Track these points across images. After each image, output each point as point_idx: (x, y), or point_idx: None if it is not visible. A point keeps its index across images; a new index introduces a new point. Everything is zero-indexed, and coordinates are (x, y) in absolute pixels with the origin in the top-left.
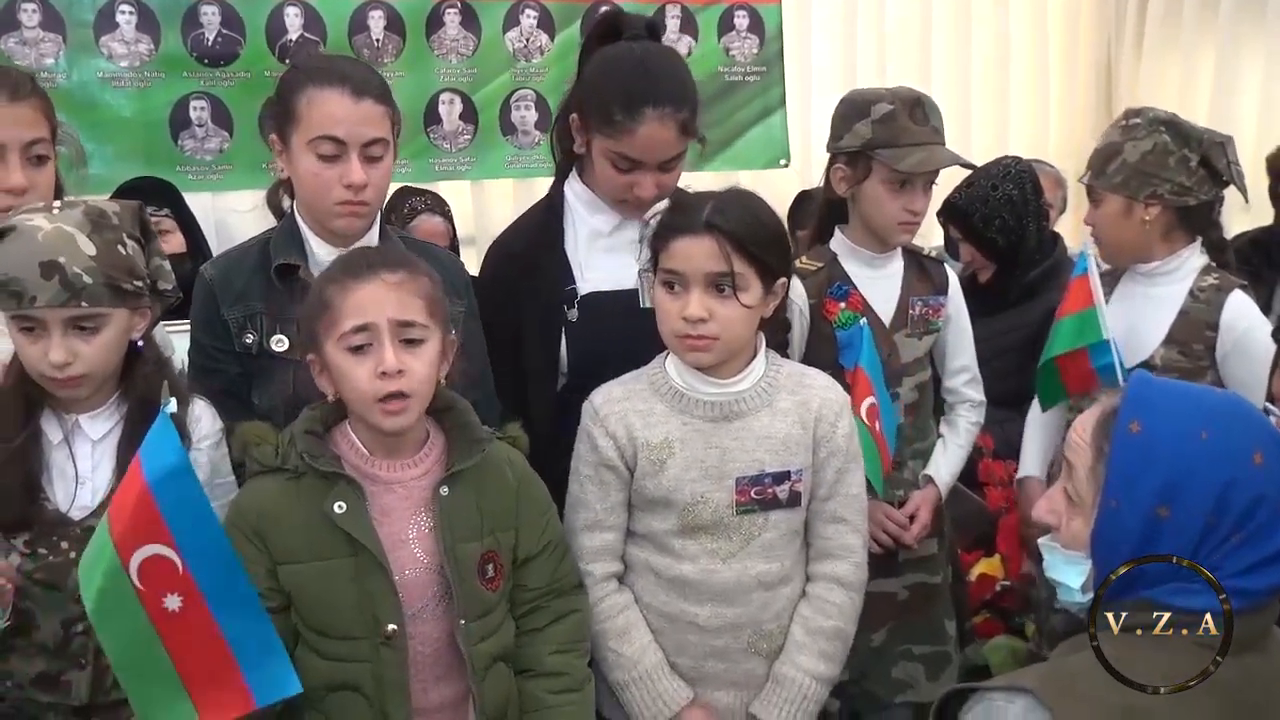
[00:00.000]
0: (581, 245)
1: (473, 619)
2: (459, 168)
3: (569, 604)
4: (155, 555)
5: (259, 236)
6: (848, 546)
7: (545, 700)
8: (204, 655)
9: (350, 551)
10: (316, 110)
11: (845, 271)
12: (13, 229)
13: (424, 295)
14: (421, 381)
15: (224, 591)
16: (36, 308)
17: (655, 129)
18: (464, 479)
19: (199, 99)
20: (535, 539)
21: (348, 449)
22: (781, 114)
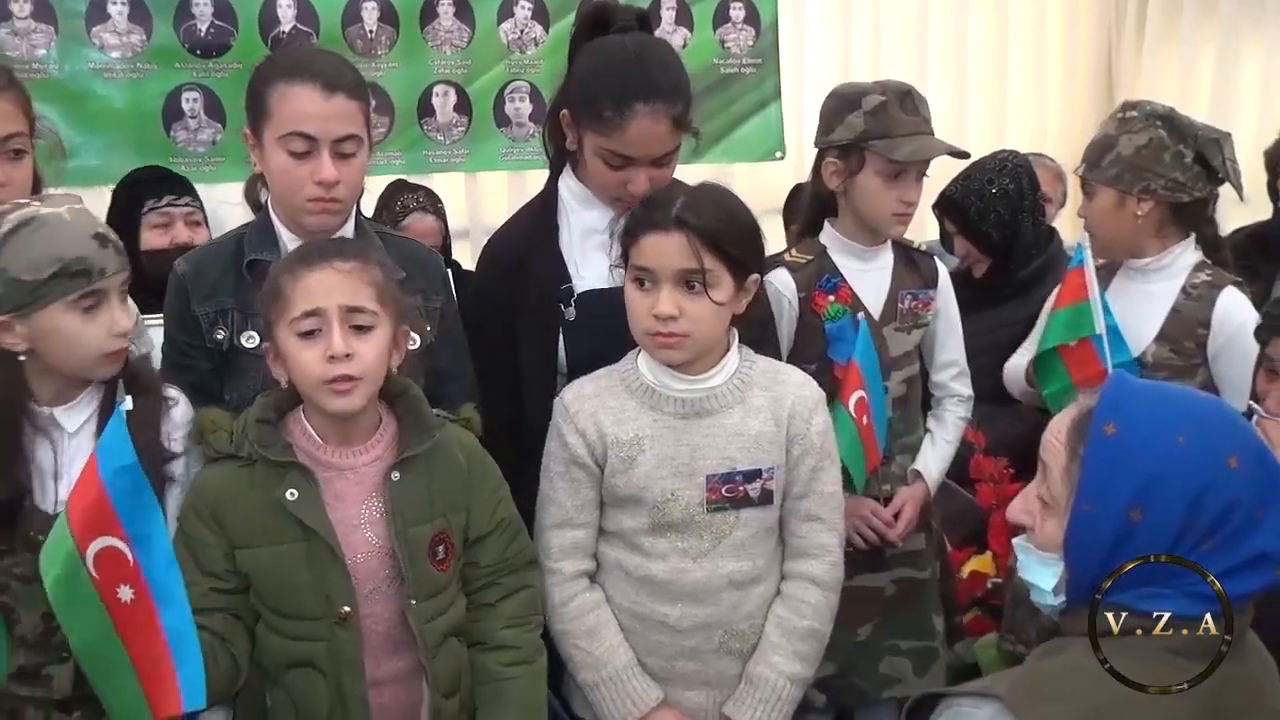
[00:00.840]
0: (576, 242)
1: (423, 599)
2: (453, 160)
3: (521, 580)
4: (109, 547)
5: (234, 231)
6: (823, 545)
7: (497, 673)
8: (150, 649)
9: (303, 536)
10: (287, 106)
11: (835, 265)
12: (33, 219)
13: (374, 284)
14: (369, 366)
15: (165, 590)
16: (107, 278)
17: (647, 125)
18: (415, 464)
19: (191, 90)
20: (486, 518)
21: (301, 436)
22: (777, 106)
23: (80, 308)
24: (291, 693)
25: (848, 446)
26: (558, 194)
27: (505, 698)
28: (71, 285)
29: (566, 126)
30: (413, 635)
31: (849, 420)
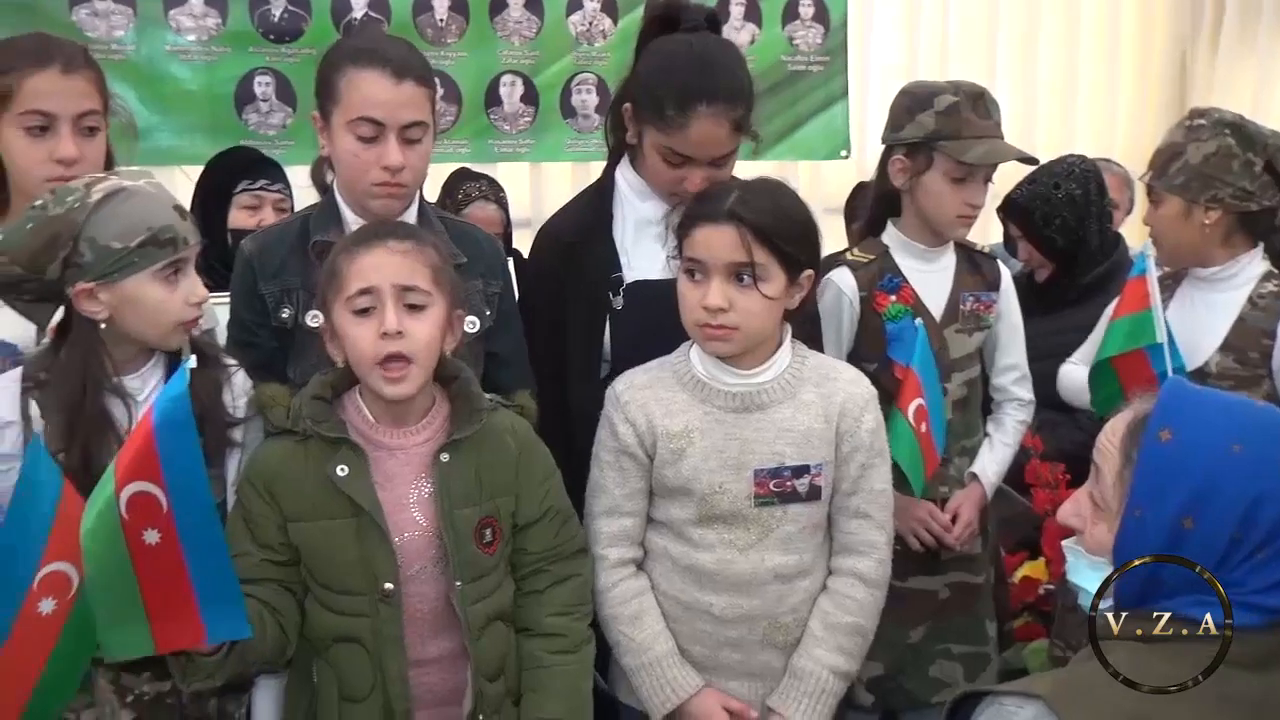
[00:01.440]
0: (630, 232)
1: (469, 581)
2: (518, 149)
3: (570, 568)
4: (145, 492)
5: (300, 212)
6: (871, 542)
7: (542, 660)
8: (168, 590)
9: (352, 513)
10: (356, 91)
11: (897, 264)
12: (123, 189)
13: (429, 264)
14: (422, 345)
15: (197, 535)
16: (189, 248)
17: (708, 126)
18: (464, 446)
19: (264, 74)
20: (535, 505)
21: (355, 414)
22: (843, 105)
23: (163, 276)
24: (336, 667)
25: (907, 453)
26: (614, 183)
27: (550, 685)
28: (159, 254)
29: (628, 120)
30: (457, 617)
31: (908, 427)
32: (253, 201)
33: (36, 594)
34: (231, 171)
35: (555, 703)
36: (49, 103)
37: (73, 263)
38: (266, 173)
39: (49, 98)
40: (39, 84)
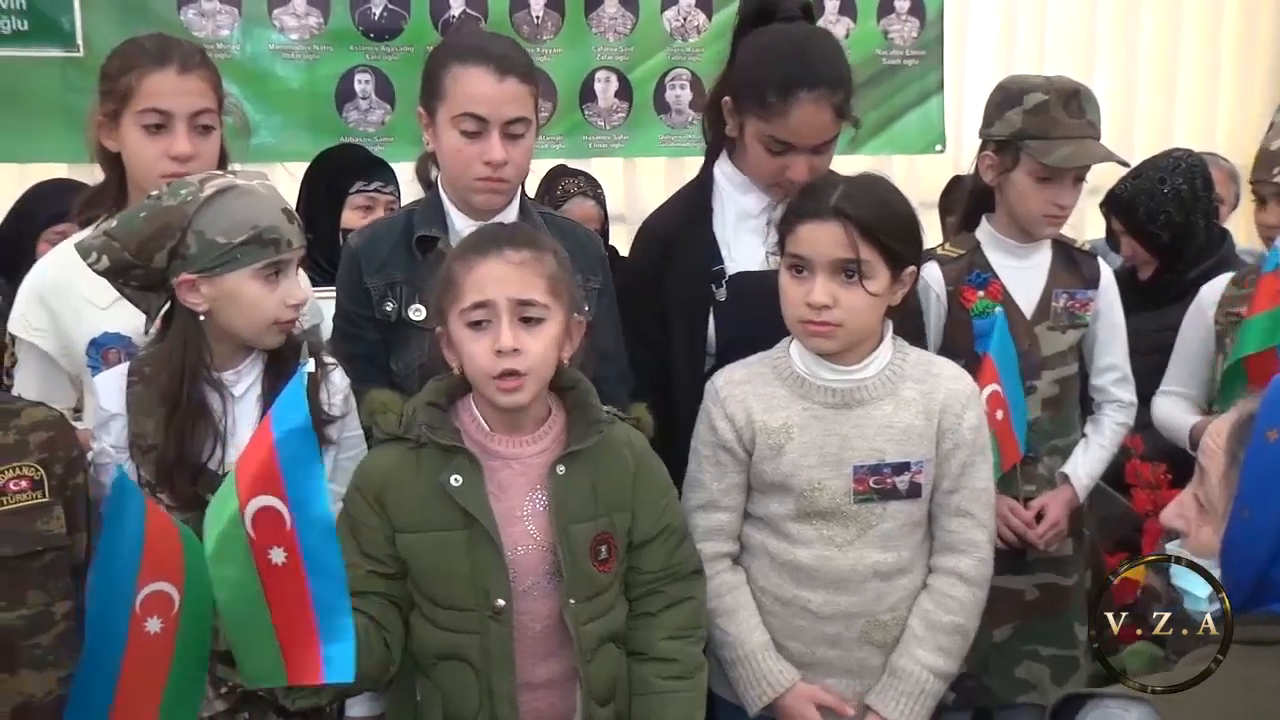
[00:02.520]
0: (730, 225)
1: (582, 599)
2: (612, 145)
3: (684, 590)
4: (269, 507)
5: (406, 207)
6: (972, 541)
7: (654, 685)
8: (295, 615)
9: (464, 524)
10: (461, 87)
11: (987, 260)
12: (233, 188)
13: (547, 274)
14: (538, 361)
15: (318, 558)
16: (291, 250)
17: (809, 112)
18: (581, 459)
19: (364, 72)
20: (652, 523)
21: (469, 422)
22: (939, 99)
23: (263, 275)
24: (441, 686)
25: None
26: (713, 179)
27: (661, 712)
28: (261, 253)
29: (728, 113)
30: (569, 637)
31: None
32: (366, 203)
33: (140, 615)
34: (346, 171)
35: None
36: (165, 101)
37: (179, 254)
38: (380, 174)
39: (165, 96)
40: (156, 83)
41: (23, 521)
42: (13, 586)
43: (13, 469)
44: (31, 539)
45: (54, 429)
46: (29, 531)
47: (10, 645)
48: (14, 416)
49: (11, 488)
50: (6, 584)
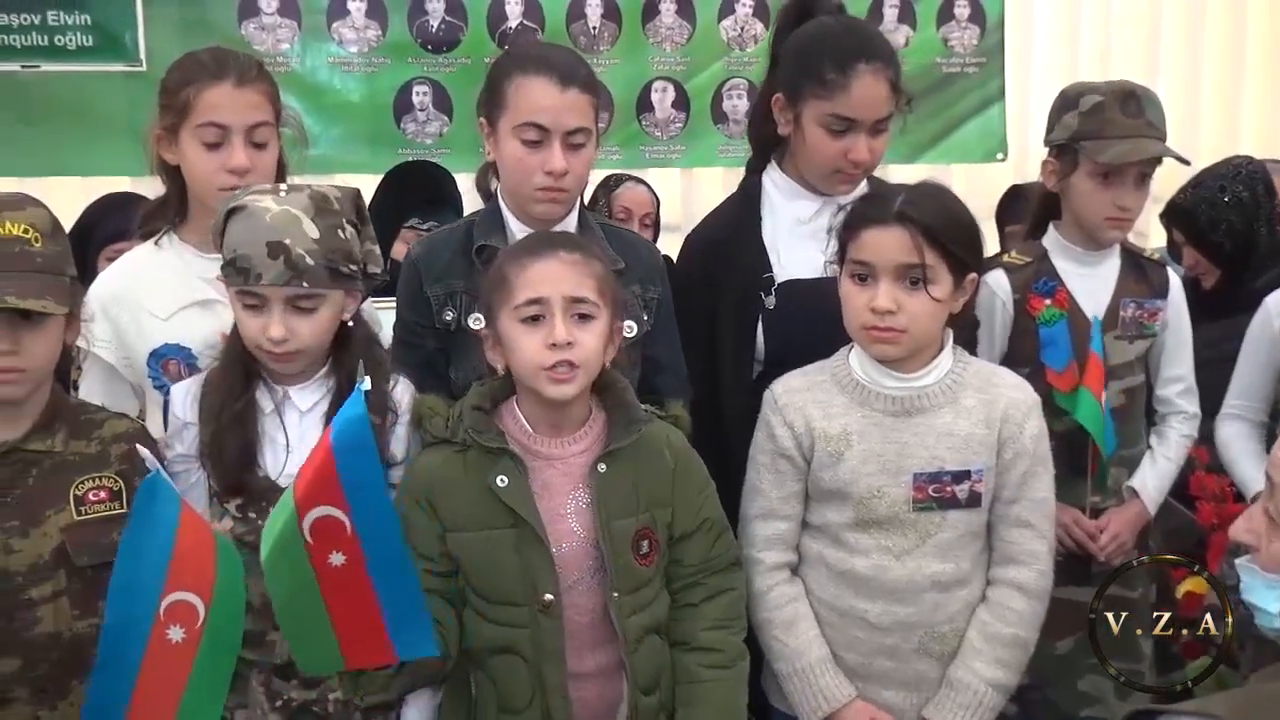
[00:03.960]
0: (780, 232)
1: (626, 592)
2: (670, 155)
3: (725, 581)
4: (328, 516)
5: (466, 218)
6: (1032, 552)
7: (698, 674)
8: (356, 609)
9: (512, 523)
10: (523, 97)
11: (1054, 268)
12: (243, 208)
13: (596, 276)
14: (590, 355)
15: (383, 555)
16: (261, 285)
17: (869, 83)
18: (621, 457)
19: (421, 84)
20: (691, 517)
21: (513, 424)
22: (1000, 107)
23: (241, 301)
24: (494, 679)
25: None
26: (760, 186)
27: (704, 700)
28: (235, 279)
29: (779, 111)
30: (614, 629)
31: (1094, 399)
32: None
33: (164, 622)
34: (408, 202)
35: (710, 718)
36: (222, 115)
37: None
38: (439, 214)
39: (222, 110)
40: (213, 97)
41: (100, 532)
42: (86, 596)
43: (93, 479)
44: (108, 549)
45: (134, 440)
46: (106, 542)
47: (82, 652)
48: (97, 427)
49: (91, 498)
50: (80, 593)
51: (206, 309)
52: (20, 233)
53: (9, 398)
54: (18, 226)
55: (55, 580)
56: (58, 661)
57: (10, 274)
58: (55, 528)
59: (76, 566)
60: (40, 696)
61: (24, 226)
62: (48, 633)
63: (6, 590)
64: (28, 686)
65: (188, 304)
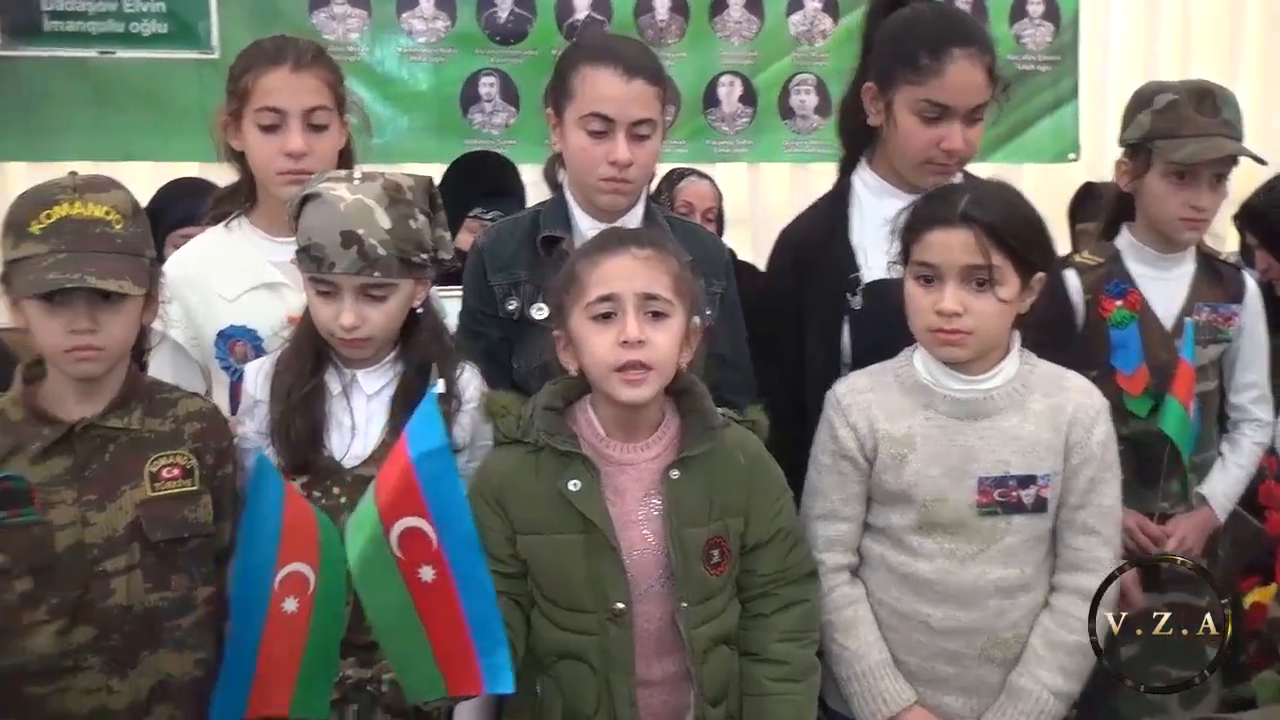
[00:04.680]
0: (868, 232)
1: (695, 602)
2: (736, 150)
3: (798, 593)
4: (415, 528)
5: (532, 208)
6: (1098, 559)
7: (766, 687)
8: (449, 629)
9: (582, 528)
10: (589, 88)
11: (1127, 269)
12: (318, 195)
13: (671, 273)
14: (662, 354)
15: (467, 573)
16: (334, 274)
17: (965, 69)
18: (695, 464)
19: (489, 75)
20: (765, 526)
21: (585, 426)
22: (1073, 106)
23: (314, 288)
24: (560, 684)
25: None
26: (850, 186)
27: (772, 713)
28: (309, 266)
29: (870, 101)
30: (681, 638)
31: (1180, 407)
32: (478, 229)
33: (279, 594)
34: (472, 192)
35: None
36: (278, 99)
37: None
38: (502, 204)
39: (278, 94)
40: (270, 81)
41: (173, 508)
42: (159, 569)
43: (167, 457)
44: (179, 526)
45: (207, 420)
46: (178, 518)
47: (154, 625)
48: (172, 406)
49: (165, 475)
50: (153, 567)
51: (274, 292)
52: (102, 214)
53: (88, 375)
54: (99, 208)
55: (129, 554)
56: (129, 633)
57: (92, 254)
58: (130, 503)
59: (150, 541)
60: (112, 666)
61: (106, 208)
62: (120, 605)
63: (83, 562)
64: (101, 655)
65: (255, 286)
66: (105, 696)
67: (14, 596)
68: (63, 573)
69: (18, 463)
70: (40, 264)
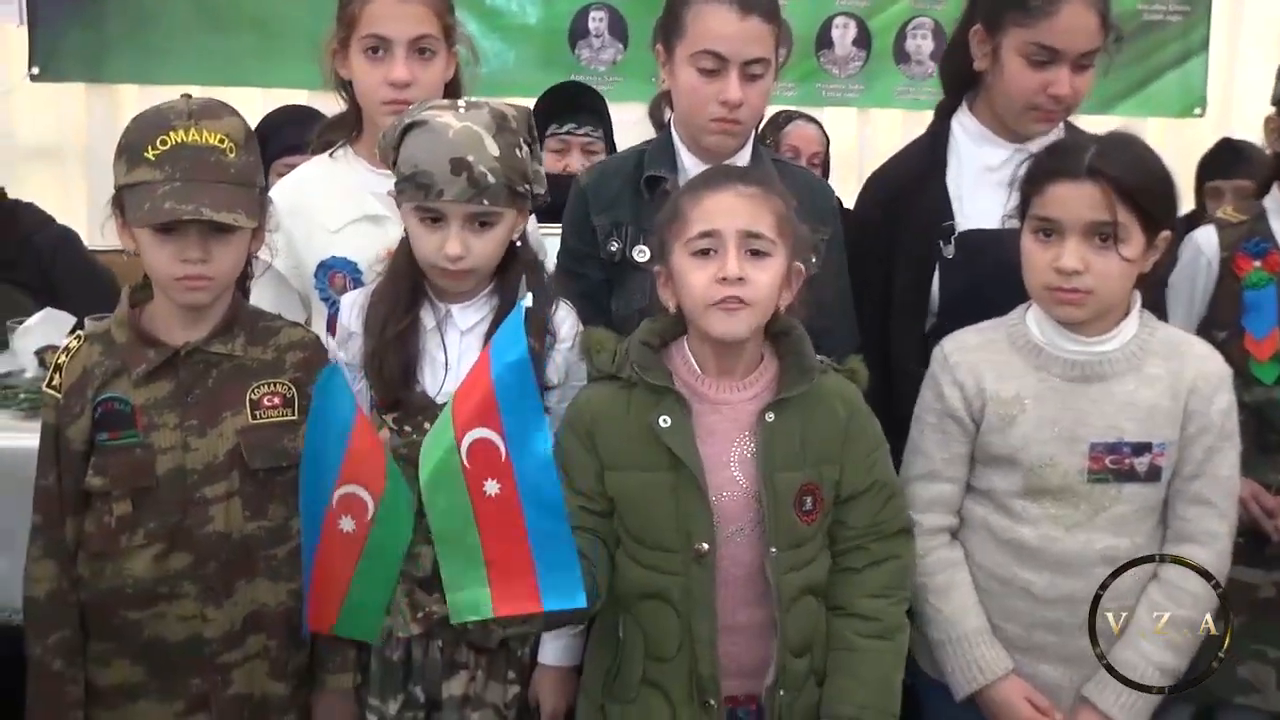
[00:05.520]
0: (965, 179)
1: (784, 549)
2: (847, 95)
3: (890, 548)
4: (485, 439)
5: (637, 147)
6: (1211, 532)
7: (853, 642)
8: (508, 545)
9: (671, 466)
10: (702, 24)
11: (1271, 229)
12: (424, 123)
13: (775, 212)
14: (761, 293)
15: (536, 490)
16: (443, 201)
17: (1077, 11)
18: (791, 407)
19: (599, 10)
20: (861, 477)
21: (681, 364)
22: (1202, 59)
23: (418, 217)
24: (643, 624)
25: None
26: (949, 130)
27: (857, 670)
28: (414, 194)
29: (979, 42)
30: (769, 585)
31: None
32: (559, 145)
33: (336, 511)
34: (544, 114)
35: (863, 691)
36: (383, 26)
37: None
38: (575, 116)
39: (384, 21)
40: (376, 9)
41: (273, 436)
42: (258, 498)
43: (269, 385)
44: (279, 454)
45: (309, 349)
46: (277, 447)
47: (250, 554)
48: (274, 334)
49: (266, 403)
50: (252, 495)
51: (376, 224)
52: (216, 142)
53: (197, 303)
54: (214, 136)
55: (229, 481)
56: (226, 561)
57: (207, 184)
58: (232, 429)
59: (250, 469)
60: (208, 594)
61: (220, 136)
62: (219, 532)
63: (182, 486)
64: (197, 584)
65: (358, 218)
66: (200, 624)
67: (112, 520)
68: (162, 497)
69: (121, 385)
70: (155, 192)
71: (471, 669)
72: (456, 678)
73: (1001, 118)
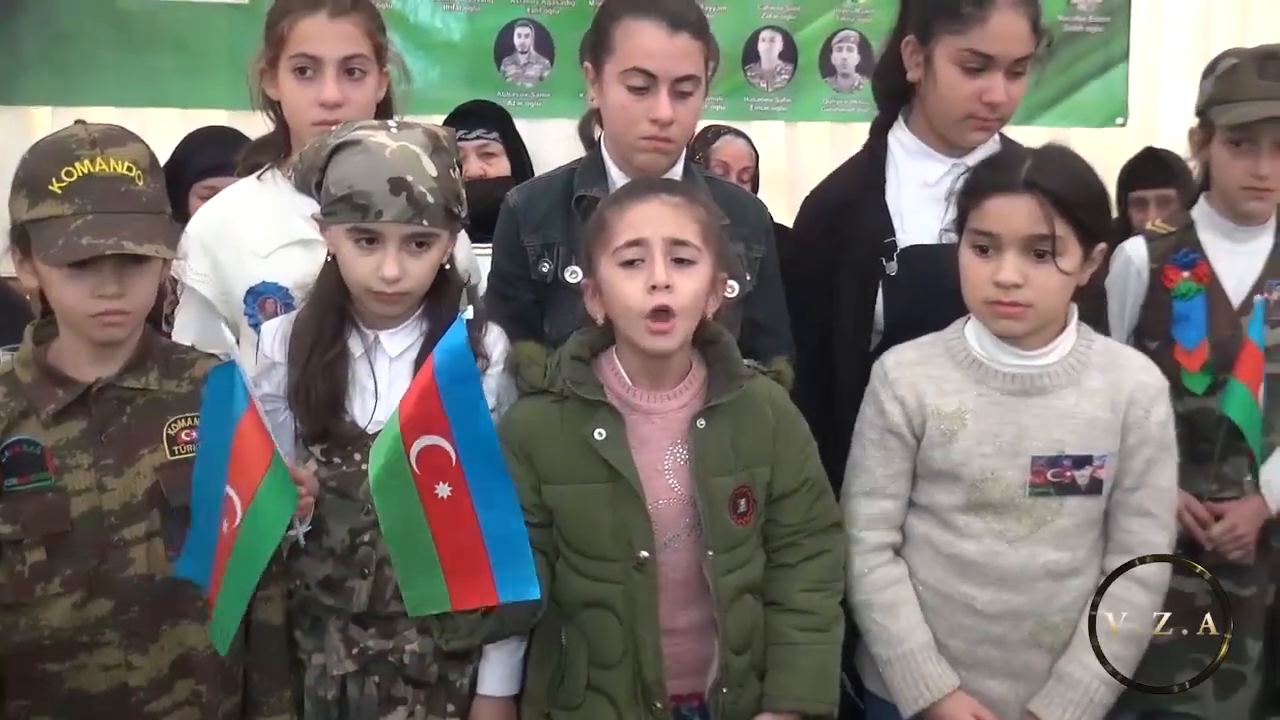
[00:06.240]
0: (905, 195)
1: (721, 551)
2: (774, 108)
3: (822, 543)
4: (434, 445)
5: (566, 166)
6: (1152, 544)
7: (790, 636)
8: (461, 544)
9: (608, 477)
10: (631, 41)
11: (1198, 240)
12: (356, 143)
13: (699, 221)
14: (688, 301)
15: (487, 489)
16: (381, 222)
17: (1009, 18)
18: (721, 413)
19: (524, 26)
20: (792, 476)
21: (611, 375)
22: (1123, 68)
23: (353, 239)
24: (586, 632)
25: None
26: (886, 146)
27: (796, 663)
28: (350, 215)
29: (910, 55)
30: (708, 587)
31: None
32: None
33: (223, 510)
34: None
35: (801, 684)
36: (313, 46)
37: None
38: (465, 122)
39: (314, 41)
40: (306, 28)
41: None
42: (180, 536)
43: (185, 419)
44: None
45: None
46: None
47: (175, 595)
48: (189, 366)
49: (183, 438)
50: (174, 534)
51: (307, 248)
52: (125, 171)
53: (114, 339)
54: (121, 164)
55: (149, 520)
56: (149, 605)
57: (120, 214)
58: (149, 466)
59: (170, 507)
60: (132, 640)
61: (128, 164)
62: (140, 574)
63: (99, 529)
64: (120, 630)
65: (288, 242)
66: (124, 673)
67: (25, 569)
68: (78, 542)
69: (30, 426)
70: (68, 227)
71: (410, 704)
72: (394, 714)
73: (938, 130)
